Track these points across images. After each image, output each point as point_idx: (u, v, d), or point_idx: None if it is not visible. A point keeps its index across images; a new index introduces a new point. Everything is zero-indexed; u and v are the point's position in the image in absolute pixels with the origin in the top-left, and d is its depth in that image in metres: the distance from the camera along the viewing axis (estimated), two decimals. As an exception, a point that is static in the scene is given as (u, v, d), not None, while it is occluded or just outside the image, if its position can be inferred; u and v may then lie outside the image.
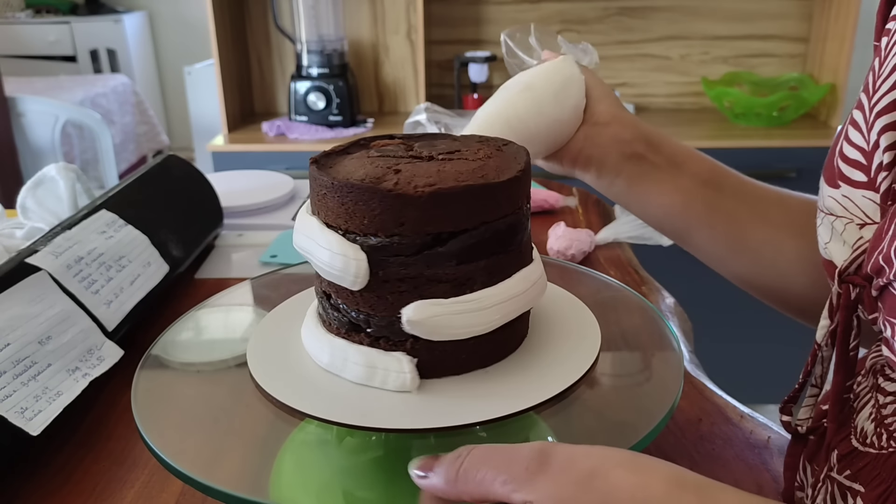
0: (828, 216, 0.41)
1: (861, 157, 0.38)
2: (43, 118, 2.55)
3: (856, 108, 0.40)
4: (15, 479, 0.51)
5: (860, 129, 0.39)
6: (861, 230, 0.38)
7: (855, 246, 0.38)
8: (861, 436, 0.37)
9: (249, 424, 0.41)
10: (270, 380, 0.41)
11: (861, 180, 0.38)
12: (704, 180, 0.58)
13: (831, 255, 0.40)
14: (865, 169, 0.38)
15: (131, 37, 3.85)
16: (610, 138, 0.58)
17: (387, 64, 2.03)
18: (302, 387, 0.40)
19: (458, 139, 0.46)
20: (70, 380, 0.55)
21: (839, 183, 0.40)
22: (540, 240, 0.92)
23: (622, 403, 0.44)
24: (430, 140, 0.45)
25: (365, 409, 0.39)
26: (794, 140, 1.73)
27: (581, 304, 0.49)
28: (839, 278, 0.38)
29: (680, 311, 0.79)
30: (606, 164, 0.59)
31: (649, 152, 0.58)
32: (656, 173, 0.58)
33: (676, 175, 0.58)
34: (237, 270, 0.85)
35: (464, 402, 0.39)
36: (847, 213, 0.39)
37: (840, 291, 0.38)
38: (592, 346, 0.43)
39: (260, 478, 0.42)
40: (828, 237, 0.41)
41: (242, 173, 1.18)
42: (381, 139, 0.46)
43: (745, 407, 0.57)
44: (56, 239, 0.63)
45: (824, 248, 0.41)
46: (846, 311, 0.38)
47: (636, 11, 1.98)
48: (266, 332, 0.46)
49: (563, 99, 0.57)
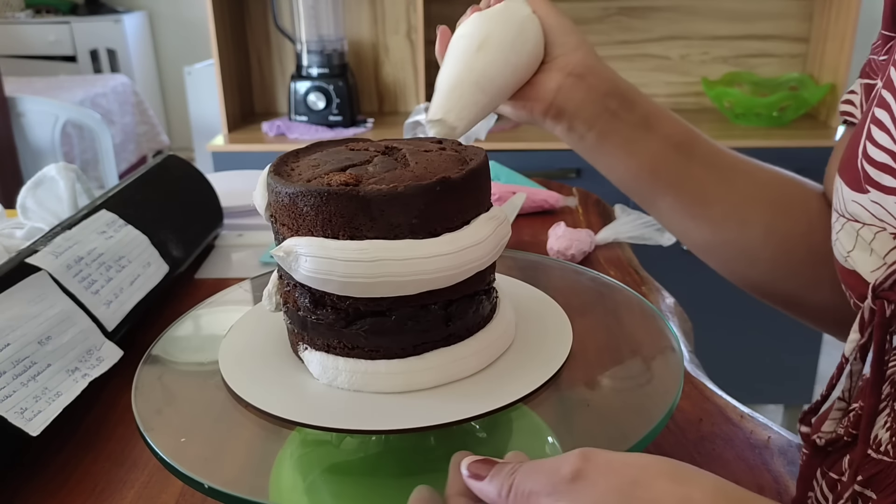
0: (851, 222, 0.38)
1: (891, 161, 0.36)
2: (43, 118, 2.55)
3: (877, 105, 0.38)
4: (15, 479, 0.51)
5: (888, 131, 0.37)
6: (895, 240, 0.36)
7: (887, 257, 0.36)
8: (875, 443, 0.37)
9: (249, 424, 0.41)
10: (258, 391, 0.41)
11: (893, 186, 0.36)
12: (676, 143, 0.57)
13: (855, 264, 0.38)
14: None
15: (131, 37, 3.86)
16: (585, 91, 0.56)
17: (387, 64, 2.03)
18: (291, 395, 0.41)
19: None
20: (70, 380, 0.55)
21: (867, 188, 0.37)
22: (540, 240, 0.92)
23: (622, 403, 0.44)
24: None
25: (357, 412, 0.39)
26: (794, 140, 1.73)
27: (548, 299, 0.50)
28: (873, 294, 0.36)
29: (680, 311, 0.79)
30: (579, 116, 0.56)
31: (623, 109, 0.57)
32: (627, 131, 0.57)
33: (648, 136, 0.57)
34: (237, 270, 0.85)
35: (452, 401, 0.39)
36: (878, 222, 0.37)
37: (874, 307, 0.36)
38: (565, 342, 0.44)
39: (260, 478, 0.42)
40: (851, 245, 0.38)
41: (242, 173, 1.18)
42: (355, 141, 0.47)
43: (745, 407, 0.57)
44: (56, 239, 0.63)
45: (846, 256, 0.39)
46: (881, 329, 0.35)
47: (636, 11, 1.98)
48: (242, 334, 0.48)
49: (521, 44, 0.55)
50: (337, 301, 0.40)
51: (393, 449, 0.44)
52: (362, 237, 0.38)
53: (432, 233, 0.39)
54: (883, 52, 0.46)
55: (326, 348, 0.41)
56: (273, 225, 0.43)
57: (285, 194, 0.40)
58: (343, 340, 0.41)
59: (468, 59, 0.54)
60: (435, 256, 0.38)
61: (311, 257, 0.38)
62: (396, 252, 0.38)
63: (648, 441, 0.37)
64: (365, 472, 0.44)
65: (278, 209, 0.41)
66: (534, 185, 1.12)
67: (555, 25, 0.57)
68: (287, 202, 0.40)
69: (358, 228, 0.38)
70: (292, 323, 0.43)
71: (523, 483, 0.31)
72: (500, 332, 0.44)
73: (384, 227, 0.38)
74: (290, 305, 0.43)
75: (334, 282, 0.38)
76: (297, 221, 0.40)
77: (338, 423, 0.38)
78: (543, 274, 0.59)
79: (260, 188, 0.43)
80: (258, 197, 0.44)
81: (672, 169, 0.56)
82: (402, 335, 0.40)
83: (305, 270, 0.39)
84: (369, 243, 0.38)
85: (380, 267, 0.38)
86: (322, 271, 0.38)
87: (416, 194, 0.38)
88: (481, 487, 0.32)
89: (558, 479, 0.30)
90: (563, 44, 0.57)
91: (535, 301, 0.50)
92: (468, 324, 0.42)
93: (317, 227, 0.39)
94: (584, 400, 0.43)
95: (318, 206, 0.38)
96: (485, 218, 0.41)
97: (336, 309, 0.40)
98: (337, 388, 0.41)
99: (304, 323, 0.42)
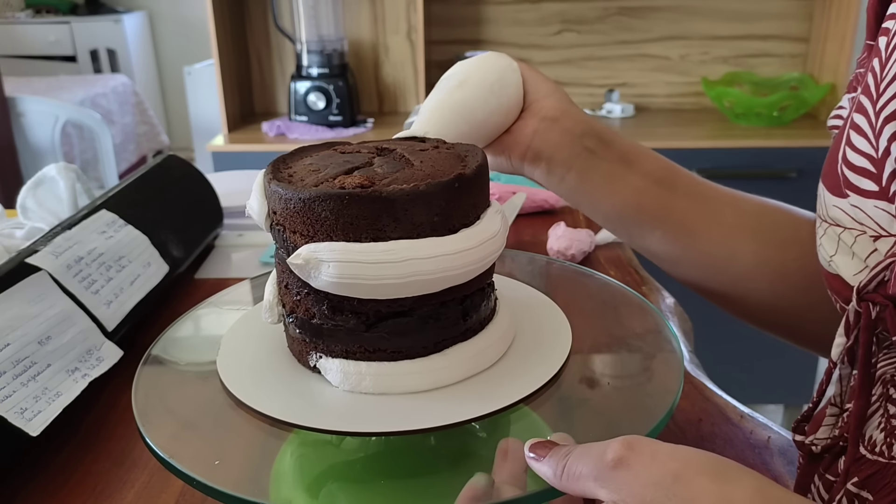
0: (832, 227, 0.39)
1: (870, 165, 0.37)
2: (43, 118, 2.55)
3: (856, 111, 0.38)
4: (15, 479, 0.51)
5: (865, 136, 0.37)
6: (875, 242, 0.36)
7: (868, 259, 0.36)
8: (870, 444, 0.37)
9: (249, 424, 0.41)
10: (255, 391, 0.41)
11: (871, 189, 0.36)
12: (657, 179, 0.57)
13: (838, 268, 0.38)
14: (875, 178, 0.36)
15: (131, 37, 3.86)
16: (559, 133, 0.57)
17: (387, 64, 2.03)
18: (290, 397, 0.41)
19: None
20: (70, 380, 0.55)
21: (846, 192, 0.38)
22: (540, 240, 0.92)
23: (622, 403, 0.44)
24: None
25: (357, 414, 0.39)
26: (795, 140, 1.73)
27: (544, 297, 0.50)
28: (858, 296, 0.36)
29: (680, 311, 0.79)
30: (556, 158, 0.57)
31: (600, 148, 0.57)
32: (607, 167, 0.57)
33: (628, 172, 0.57)
34: (237, 270, 0.85)
35: (454, 403, 0.39)
36: (857, 225, 0.37)
37: (859, 310, 0.36)
38: (564, 341, 0.44)
39: (260, 478, 0.42)
40: (833, 250, 0.39)
41: (242, 173, 1.18)
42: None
43: (745, 407, 0.57)
44: (56, 239, 0.63)
45: (829, 261, 0.39)
46: (867, 331, 0.36)
47: (636, 11, 1.98)
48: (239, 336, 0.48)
49: (500, 88, 0.56)
50: (358, 305, 0.39)
51: (394, 449, 0.44)
52: (386, 238, 0.38)
53: (451, 229, 0.39)
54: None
55: (345, 354, 0.41)
56: (279, 233, 0.41)
57: (298, 200, 0.38)
58: (364, 345, 0.40)
59: (450, 90, 0.56)
60: (459, 252, 0.39)
61: (336, 262, 0.37)
62: (423, 251, 0.38)
63: (648, 441, 0.37)
64: (366, 471, 0.44)
65: (288, 216, 0.40)
66: (534, 185, 1.12)
67: (531, 76, 0.58)
68: (301, 208, 0.39)
69: (381, 230, 0.38)
70: (302, 332, 0.42)
71: (574, 465, 0.32)
72: (506, 324, 0.45)
73: (408, 227, 0.38)
74: (299, 315, 0.42)
75: (361, 285, 0.38)
76: (312, 227, 0.39)
77: (337, 425, 0.38)
78: (543, 274, 0.59)
79: (257, 196, 0.42)
80: (255, 206, 0.42)
81: (656, 203, 0.56)
82: (424, 334, 0.40)
83: (329, 277, 0.38)
84: (395, 244, 0.38)
85: (408, 267, 0.37)
86: (348, 276, 0.37)
87: (437, 192, 0.38)
88: (539, 467, 0.34)
89: (602, 464, 0.30)
90: (536, 90, 0.58)
91: (531, 299, 0.50)
92: (481, 317, 0.43)
93: (337, 232, 0.38)
94: (583, 399, 0.43)
95: (339, 210, 0.37)
96: (491, 212, 0.42)
97: (357, 313, 0.39)
98: (343, 391, 0.41)
99: (319, 331, 0.41)
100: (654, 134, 1.78)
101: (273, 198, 0.41)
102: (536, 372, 0.41)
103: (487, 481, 0.35)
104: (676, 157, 0.59)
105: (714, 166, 1.67)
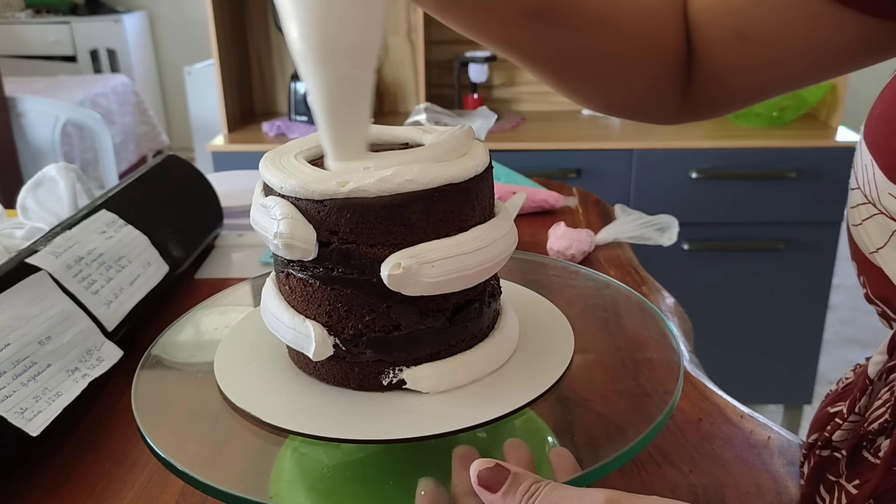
0: (884, 217, 0.33)
1: None
2: (43, 118, 2.55)
3: None
4: (15, 479, 0.51)
5: None
6: None
7: None
8: (874, 449, 0.36)
9: (249, 424, 0.41)
10: (254, 397, 0.41)
11: None
12: (532, 11, 0.49)
13: (884, 263, 0.34)
14: None
15: (131, 37, 3.86)
16: None
17: (387, 64, 2.03)
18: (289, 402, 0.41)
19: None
20: (70, 380, 0.55)
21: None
22: (540, 240, 0.92)
23: (622, 403, 0.44)
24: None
25: (358, 418, 0.39)
26: (794, 140, 1.73)
27: (547, 302, 0.50)
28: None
29: (680, 311, 0.79)
30: None
31: None
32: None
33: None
34: (237, 270, 0.85)
35: (457, 408, 0.39)
36: None
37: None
38: (567, 344, 0.45)
39: (260, 478, 0.42)
40: (881, 241, 0.34)
41: (242, 173, 1.18)
42: None
43: (745, 407, 0.57)
44: (56, 239, 0.63)
45: (872, 252, 0.35)
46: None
47: (636, 11, 1.98)
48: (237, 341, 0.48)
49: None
50: (442, 302, 0.39)
51: (393, 450, 0.44)
52: (468, 228, 0.39)
53: (492, 213, 0.41)
54: None
55: (430, 357, 0.40)
56: (342, 255, 0.37)
57: (381, 208, 0.36)
58: (449, 340, 0.40)
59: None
60: (511, 230, 0.41)
61: (440, 261, 0.36)
62: (498, 231, 0.40)
63: (648, 441, 0.37)
64: (365, 472, 0.44)
65: (365, 229, 0.37)
66: (534, 185, 1.12)
67: None
68: (385, 216, 0.36)
69: (465, 220, 0.39)
70: (377, 352, 0.39)
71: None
72: (514, 323, 0.46)
73: (479, 213, 0.40)
74: (372, 335, 0.39)
75: (462, 277, 0.38)
76: (398, 234, 0.37)
77: (336, 432, 0.38)
78: (543, 274, 0.59)
79: (295, 222, 0.37)
80: (301, 232, 0.37)
81: (529, 39, 0.50)
82: (484, 318, 0.42)
83: (432, 277, 0.36)
84: (478, 230, 0.39)
85: (494, 249, 0.39)
86: (453, 271, 0.37)
87: (489, 178, 0.40)
88: (493, 501, 0.30)
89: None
90: None
91: (531, 299, 0.50)
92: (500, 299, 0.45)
93: (429, 232, 0.37)
94: (583, 399, 0.43)
95: (428, 209, 0.37)
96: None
97: (442, 311, 0.39)
98: (343, 394, 0.41)
99: (401, 342, 0.39)
100: (654, 134, 1.78)
101: (336, 215, 0.37)
102: (540, 375, 0.41)
103: (436, 486, 0.34)
104: (676, 157, 0.59)
105: (714, 166, 1.66)
